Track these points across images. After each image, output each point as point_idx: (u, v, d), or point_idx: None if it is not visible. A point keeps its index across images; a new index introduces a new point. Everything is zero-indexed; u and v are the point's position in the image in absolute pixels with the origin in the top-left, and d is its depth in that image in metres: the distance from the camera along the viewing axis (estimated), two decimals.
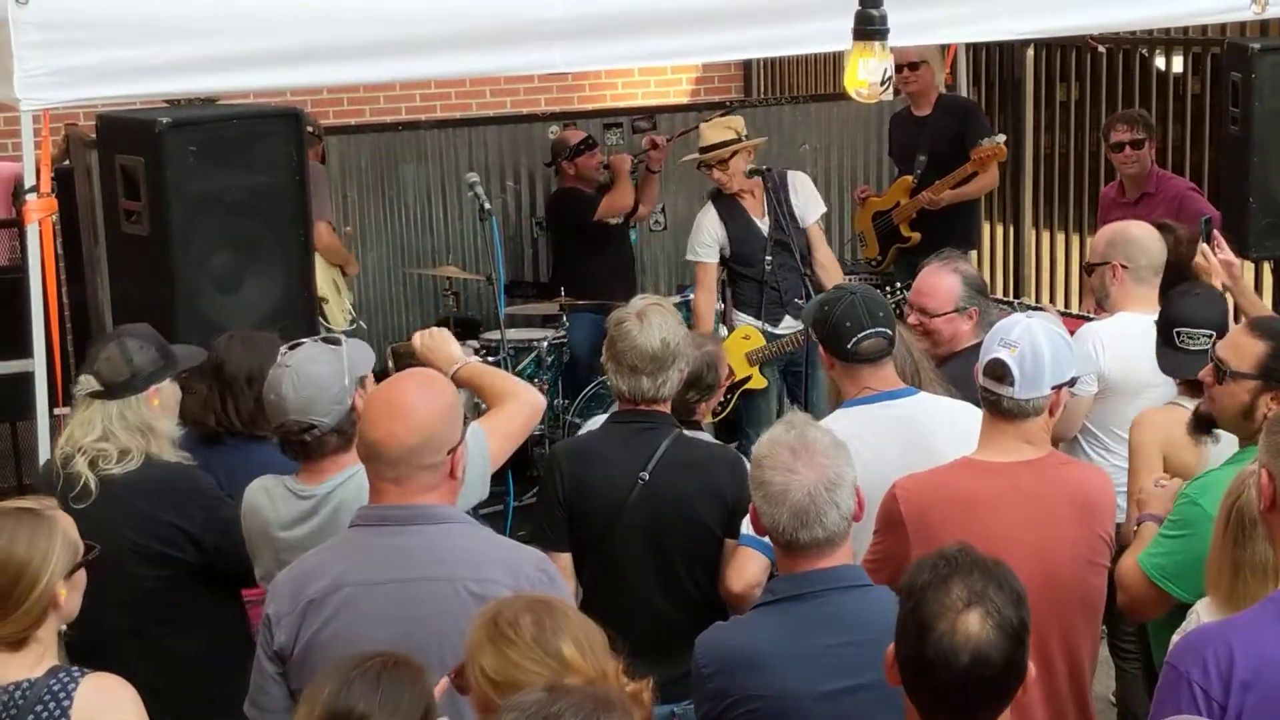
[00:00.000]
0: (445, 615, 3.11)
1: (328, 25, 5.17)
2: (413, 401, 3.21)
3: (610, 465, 4.13)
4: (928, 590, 2.58)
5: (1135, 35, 8.85)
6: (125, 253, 5.09)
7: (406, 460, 3.17)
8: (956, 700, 2.56)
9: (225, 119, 5.05)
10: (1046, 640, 3.58)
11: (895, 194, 7.97)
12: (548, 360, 7.73)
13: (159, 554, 3.95)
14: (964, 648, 2.52)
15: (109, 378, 3.99)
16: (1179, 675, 2.80)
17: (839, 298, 4.24)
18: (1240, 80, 5.88)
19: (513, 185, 8.72)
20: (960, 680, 2.53)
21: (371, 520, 3.24)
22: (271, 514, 3.67)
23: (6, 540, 3.06)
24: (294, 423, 3.61)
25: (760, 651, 3.15)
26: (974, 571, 2.59)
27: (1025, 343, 3.63)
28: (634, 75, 11.62)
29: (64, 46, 4.85)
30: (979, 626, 2.52)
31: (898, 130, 8.22)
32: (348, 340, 3.75)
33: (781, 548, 3.24)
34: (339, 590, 3.18)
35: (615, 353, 4.14)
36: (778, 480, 3.18)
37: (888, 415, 4.11)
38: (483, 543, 3.27)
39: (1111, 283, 5.01)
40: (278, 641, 3.22)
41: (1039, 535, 3.59)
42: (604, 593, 4.12)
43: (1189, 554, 3.63)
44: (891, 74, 4.16)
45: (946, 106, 7.99)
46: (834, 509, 3.17)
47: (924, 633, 2.55)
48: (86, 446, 3.95)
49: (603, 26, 5.43)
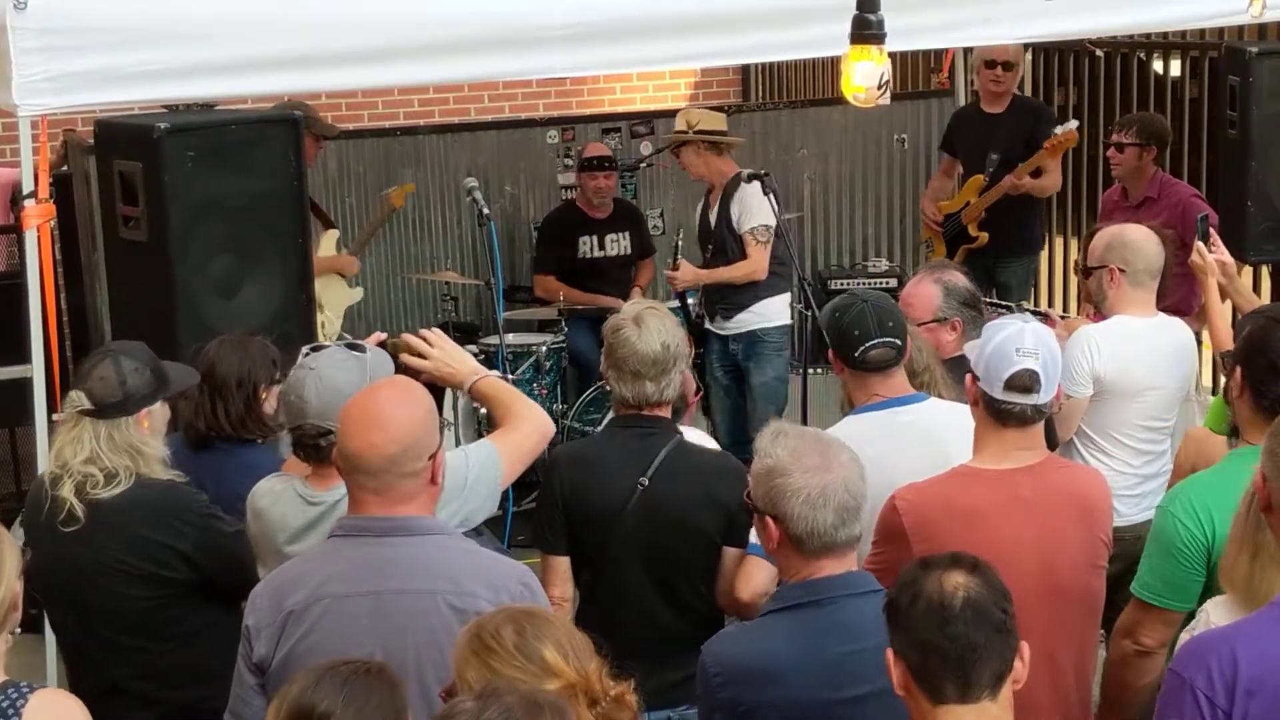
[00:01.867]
0: (424, 629, 3.12)
1: (325, 30, 5.17)
2: (391, 411, 3.20)
3: (610, 470, 4.12)
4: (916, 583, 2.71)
5: (1133, 39, 8.85)
6: (124, 258, 5.09)
7: (387, 469, 3.17)
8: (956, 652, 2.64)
9: (223, 124, 5.06)
10: (1052, 645, 3.58)
11: (966, 194, 7.95)
12: (546, 365, 7.73)
13: (152, 575, 3.93)
14: (956, 596, 2.66)
15: (101, 397, 3.95)
16: (1183, 682, 2.80)
17: (850, 305, 4.24)
18: (1238, 84, 5.88)
19: (511, 190, 8.71)
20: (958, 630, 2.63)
21: (351, 531, 3.23)
22: (279, 519, 3.67)
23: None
24: (312, 427, 3.60)
25: (774, 661, 3.15)
26: (961, 569, 2.72)
27: (1043, 349, 3.64)
28: (632, 80, 11.62)
29: (62, 52, 4.85)
30: (965, 580, 2.68)
31: (965, 126, 8.12)
32: (371, 348, 3.75)
33: (811, 551, 3.21)
34: (319, 601, 3.18)
35: (616, 360, 4.12)
36: (814, 483, 3.19)
37: (897, 421, 4.12)
38: (464, 556, 3.26)
39: (1109, 286, 5.01)
40: (257, 653, 3.22)
41: (1041, 541, 3.59)
42: (602, 597, 4.11)
43: (1170, 564, 3.66)
44: (889, 79, 4.16)
45: (1021, 107, 7.99)
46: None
47: (914, 600, 2.68)
48: (74, 469, 3.91)
49: (601, 31, 5.43)
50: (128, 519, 3.89)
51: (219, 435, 4.36)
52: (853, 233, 9.15)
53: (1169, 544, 3.67)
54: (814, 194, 9.13)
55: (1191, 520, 3.64)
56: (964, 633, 2.63)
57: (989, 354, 3.67)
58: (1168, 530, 3.68)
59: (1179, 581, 3.65)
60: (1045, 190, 7.92)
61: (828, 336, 4.31)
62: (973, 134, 8.04)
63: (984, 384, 3.67)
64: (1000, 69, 7.79)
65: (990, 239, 7.75)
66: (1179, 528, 3.65)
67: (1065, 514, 3.65)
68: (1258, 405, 3.77)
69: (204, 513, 4.00)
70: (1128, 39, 8.80)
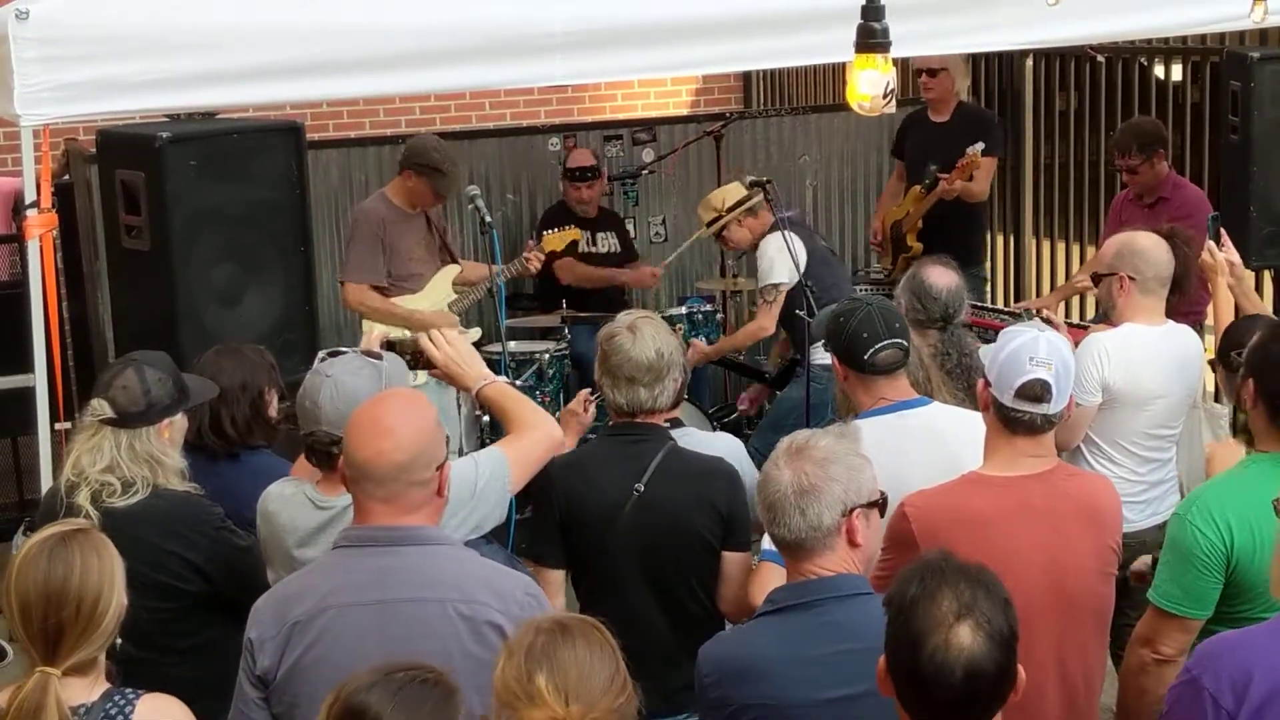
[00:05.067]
0: (433, 636, 3.10)
1: (327, 39, 5.16)
2: (398, 420, 3.19)
3: (605, 477, 4.11)
4: (917, 604, 2.61)
5: (1134, 44, 8.85)
6: (126, 267, 5.09)
7: (395, 478, 3.16)
8: (951, 713, 2.60)
9: (225, 133, 5.06)
10: (1061, 653, 3.58)
11: (907, 204, 7.94)
12: (549, 372, 7.72)
13: (164, 585, 3.93)
14: (957, 661, 2.56)
15: (124, 406, 3.95)
16: (1197, 688, 2.79)
17: (854, 309, 4.23)
18: (1240, 89, 5.89)
19: (513, 198, 8.72)
20: (956, 694, 2.57)
21: (357, 541, 3.21)
22: (288, 523, 3.67)
23: (80, 566, 3.03)
24: (325, 434, 3.60)
25: (760, 660, 3.15)
26: (961, 581, 2.62)
27: (1056, 359, 3.62)
28: (634, 87, 11.62)
29: (64, 62, 4.84)
30: (970, 639, 2.56)
31: (912, 131, 8.14)
32: (387, 355, 3.74)
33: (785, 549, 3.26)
34: (324, 612, 3.16)
35: (610, 366, 4.12)
36: (766, 470, 3.25)
37: (906, 425, 4.11)
38: (471, 565, 3.26)
39: (1118, 294, 4.99)
40: (260, 665, 3.19)
41: (1051, 549, 3.58)
42: (601, 606, 4.08)
43: (1189, 571, 3.66)
44: (894, 87, 4.15)
45: (965, 115, 7.98)
46: (799, 514, 3.17)
47: (917, 649, 2.58)
48: (91, 478, 3.92)
49: (603, 38, 5.42)
50: (142, 528, 3.88)
51: (227, 444, 4.36)
52: (855, 239, 9.15)
53: (1188, 552, 3.66)
54: (816, 200, 9.14)
55: (1210, 528, 3.63)
56: (961, 699, 2.59)
57: (1002, 361, 3.67)
58: (1186, 538, 3.67)
59: (1198, 589, 3.64)
60: (974, 195, 7.81)
61: (832, 342, 4.29)
62: (917, 142, 8.05)
63: (995, 390, 3.67)
64: (925, 75, 7.81)
65: (925, 248, 7.59)
66: (1198, 536, 3.64)
67: (1075, 521, 3.63)
68: (1275, 416, 3.75)
69: (218, 525, 4.01)
70: (1129, 44, 8.79)
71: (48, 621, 2.99)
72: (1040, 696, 3.54)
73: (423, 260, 7.23)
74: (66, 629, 2.99)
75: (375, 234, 7.08)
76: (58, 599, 2.99)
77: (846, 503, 3.20)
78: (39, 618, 2.99)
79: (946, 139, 7.80)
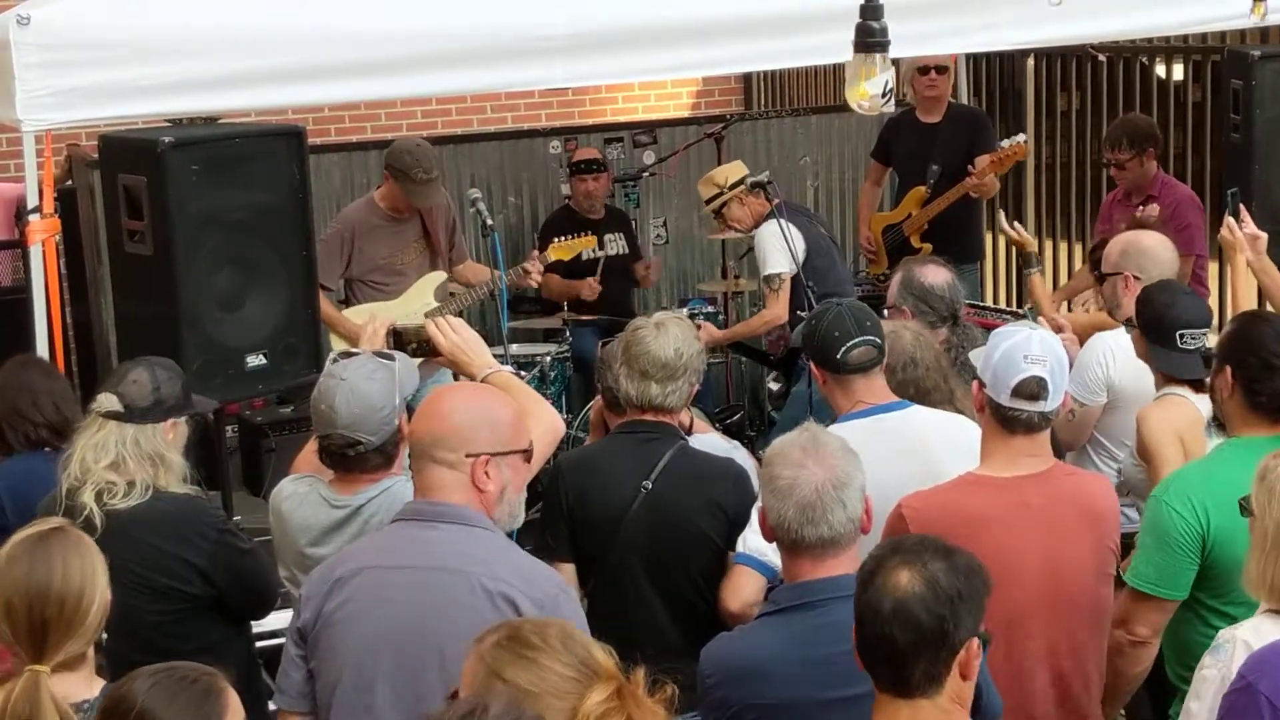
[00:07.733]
0: (456, 605, 3.13)
1: (328, 43, 5.17)
2: (450, 403, 3.29)
3: (613, 475, 4.13)
4: (877, 560, 2.75)
5: (1135, 43, 8.85)
6: (128, 272, 5.09)
7: (422, 453, 3.23)
8: (883, 651, 2.69)
9: (227, 138, 5.06)
10: (1060, 654, 3.59)
11: (907, 205, 7.91)
12: (551, 374, 7.73)
13: (165, 588, 3.94)
14: (890, 597, 2.68)
15: (133, 399, 3.97)
16: (1253, 693, 2.80)
17: (825, 310, 4.25)
18: (1241, 88, 5.88)
19: (514, 201, 8.73)
20: (883, 632, 2.67)
21: (407, 515, 3.29)
22: (301, 522, 3.71)
23: (62, 565, 3.07)
24: (340, 437, 3.64)
25: (762, 660, 3.16)
26: (923, 546, 2.75)
27: (1051, 356, 3.63)
28: (634, 89, 11.61)
29: (65, 67, 4.86)
30: (906, 581, 2.69)
31: (901, 135, 8.04)
32: (399, 356, 3.76)
33: (786, 548, 3.25)
34: (361, 572, 3.23)
35: (629, 357, 4.18)
36: (786, 475, 3.22)
37: (882, 429, 4.08)
38: (503, 550, 3.28)
39: (1123, 293, 4.99)
40: (302, 618, 3.27)
41: (1050, 550, 3.59)
42: (607, 603, 4.12)
43: (1165, 553, 3.70)
44: (893, 86, 4.15)
45: (957, 115, 7.94)
46: (840, 508, 3.20)
47: (861, 590, 2.73)
48: (96, 474, 3.92)
49: (603, 41, 5.43)
50: (144, 530, 3.90)
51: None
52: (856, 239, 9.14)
53: (1164, 534, 3.71)
54: (817, 201, 9.13)
55: (1186, 509, 3.68)
56: (890, 634, 2.67)
57: (996, 361, 3.66)
58: (1162, 520, 3.72)
59: (1173, 570, 3.69)
60: (988, 191, 7.80)
61: (805, 347, 4.31)
62: (910, 144, 7.96)
63: (991, 391, 3.66)
64: (934, 73, 7.75)
65: (933, 250, 7.56)
66: (1174, 517, 3.69)
67: (1073, 522, 3.64)
68: (1252, 403, 3.83)
69: (221, 528, 4.02)
70: (1130, 43, 8.79)
71: (33, 620, 3.02)
72: (1036, 695, 3.55)
73: (411, 264, 7.14)
74: (51, 626, 3.02)
75: (340, 236, 7.00)
76: (41, 598, 3.02)
77: (864, 489, 3.26)
78: (23, 617, 3.02)
79: (945, 139, 7.78)
